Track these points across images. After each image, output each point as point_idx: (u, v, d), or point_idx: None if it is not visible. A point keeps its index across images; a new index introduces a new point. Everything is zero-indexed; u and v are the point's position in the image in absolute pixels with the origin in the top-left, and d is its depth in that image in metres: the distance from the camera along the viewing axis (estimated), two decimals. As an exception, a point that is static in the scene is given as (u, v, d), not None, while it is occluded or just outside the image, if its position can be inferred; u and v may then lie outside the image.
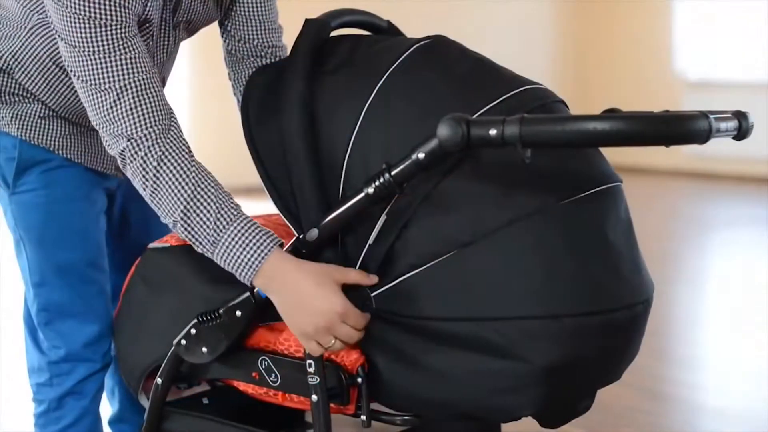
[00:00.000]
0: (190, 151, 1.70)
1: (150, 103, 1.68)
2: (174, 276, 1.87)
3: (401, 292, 1.59)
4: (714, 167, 8.55)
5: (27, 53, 1.88)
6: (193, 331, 1.76)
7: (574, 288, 1.55)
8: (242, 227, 1.65)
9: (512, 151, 1.44)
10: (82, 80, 1.68)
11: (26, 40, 1.87)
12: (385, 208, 1.59)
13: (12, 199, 1.97)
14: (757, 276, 5.22)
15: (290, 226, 1.69)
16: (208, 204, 1.65)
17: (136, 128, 1.67)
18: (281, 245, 1.65)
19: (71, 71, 1.70)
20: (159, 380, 1.84)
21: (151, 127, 1.67)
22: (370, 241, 1.61)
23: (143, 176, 1.67)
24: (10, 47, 1.89)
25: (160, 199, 1.67)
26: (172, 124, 1.70)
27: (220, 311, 1.73)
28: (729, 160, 8.32)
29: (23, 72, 1.90)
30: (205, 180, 1.67)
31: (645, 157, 7.91)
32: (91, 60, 1.66)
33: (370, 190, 1.56)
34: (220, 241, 1.65)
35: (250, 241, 1.64)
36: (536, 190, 1.56)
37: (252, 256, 1.63)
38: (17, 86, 1.92)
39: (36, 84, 1.91)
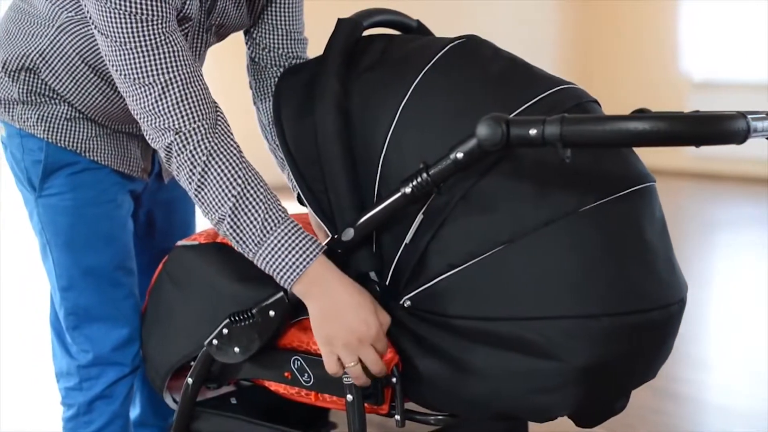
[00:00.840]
0: (239, 148, 1.68)
1: (196, 96, 1.66)
2: (202, 274, 1.87)
3: (439, 291, 1.59)
4: (717, 168, 8.56)
5: (55, 52, 1.87)
6: (225, 330, 1.76)
7: (612, 287, 1.55)
8: (289, 231, 1.63)
9: (550, 150, 1.45)
10: (125, 75, 1.66)
11: (54, 38, 1.86)
12: (422, 208, 1.60)
13: (39, 202, 1.96)
14: (761, 276, 5.23)
15: (323, 226, 1.69)
16: (257, 204, 1.64)
17: (184, 122, 1.64)
18: (325, 252, 1.64)
19: (112, 66, 1.68)
20: (189, 380, 1.84)
21: (199, 120, 1.65)
22: (407, 240, 1.61)
23: (190, 170, 1.65)
24: (38, 46, 1.88)
25: (206, 195, 1.65)
26: (219, 118, 1.69)
27: (253, 311, 1.73)
28: (732, 161, 8.32)
29: (50, 71, 1.89)
30: (255, 179, 1.66)
31: (648, 157, 7.89)
32: (133, 54, 1.64)
33: (408, 189, 1.56)
34: (265, 242, 1.63)
35: (296, 245, 1.62)
36: (573, 190, 1.56)
37: (296, 261, 1.62)
38: (44, 86, 1.91)
39: (63, 84, 1.90)
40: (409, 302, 1.63)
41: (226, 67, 6.77)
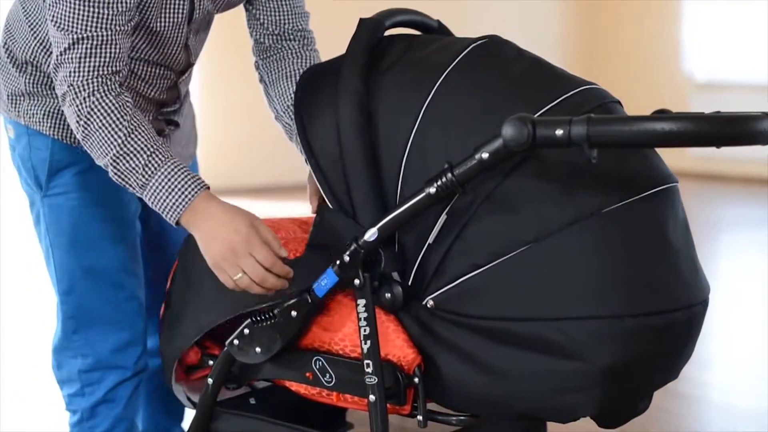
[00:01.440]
0: (126, 103, 1.74)
1: (102, 57, 1.73)
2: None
3: (462, 292, 1.59)
4: (721, 168, 8.56)
5: None
6: (246, 331, 1.76)
7: (636, 288, 1.55)
8: (170, 172, 1.70)
9: (575, 151, 1.45)
10: (55, 22, 1.73)
11: None
12: (446, 208, 1.59)
13: (44, 201, 1.96)
14: (764, 276, 5.23)
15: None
16: (139, 152, 1.71)
17: (78, 77, 1.73)
18: (208, 188, 1.71)
19: (49, 11, 1.74)
20: (210, 380, 1.84)
21: (93, 79, 1.73)
22: (430, 240, 1.61)
23: (76, 122, 1.74)
24: (37, 36, 1.89)
25: (90, 145, 1.74)
26: (115, 76, 1.75)
27: (275, 311, 1.72)
28: (735, 162, 8.32)
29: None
30: (138, 129, 1.72)
31: (650, 157, 7.86)
32: (70, 5, 1.71)
33: (432, 189, 1.56)
34: (148, 184, 1.71)
35: (177, 185, 1.70)
36: (597, 191, 1.56)
37: (178, 199, 1.70)
38: (45, 78, 1.91)
39: None
40: (431, 302, 1.62)
41: (231, 69, 6.77)
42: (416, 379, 1.65)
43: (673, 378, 1.68)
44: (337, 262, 1.66)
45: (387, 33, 1.79)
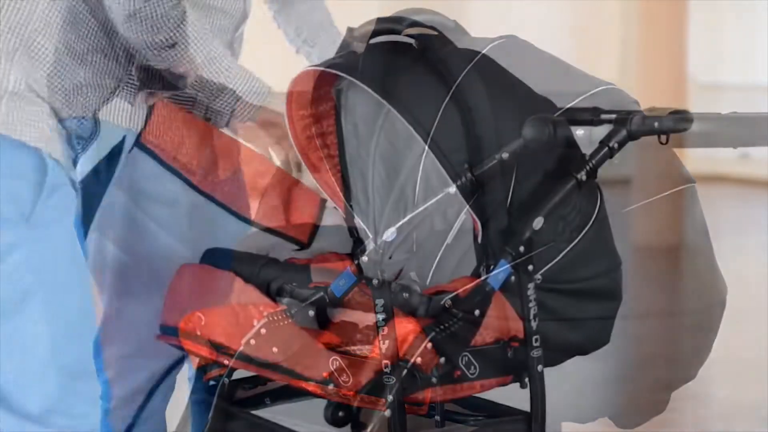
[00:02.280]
0: None
1: None
2: None
3: (482, 292, 1.59)
4: (722, 169, 8.57)
5: None
6: (263, 330, 1.75)
7: (653, 288, 1.56)
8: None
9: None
10: None
11: None
12: (464, 208, 1.59)
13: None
14: (765, 276, 5.25)
15: (364, 226, 1.68)
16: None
17: None
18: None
19: None
20: (225, 380, 1.83)
21: None
22: (448, 240, 1.61)
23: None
24: None
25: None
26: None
27: (292, 311, 1.72)
28: (736, 162, 8.34)
29: None
30: None
31: (652, 158, 7.86)
32: None
33: (452, 189, 1.56)
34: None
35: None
36: (616, 191, 1.56)
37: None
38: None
39: None
40: (449, 302, 1.62)
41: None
42: (434, 380, 1.64)
43: (690, 378, 1.69)
44: (355, 262, 1.66)
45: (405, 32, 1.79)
